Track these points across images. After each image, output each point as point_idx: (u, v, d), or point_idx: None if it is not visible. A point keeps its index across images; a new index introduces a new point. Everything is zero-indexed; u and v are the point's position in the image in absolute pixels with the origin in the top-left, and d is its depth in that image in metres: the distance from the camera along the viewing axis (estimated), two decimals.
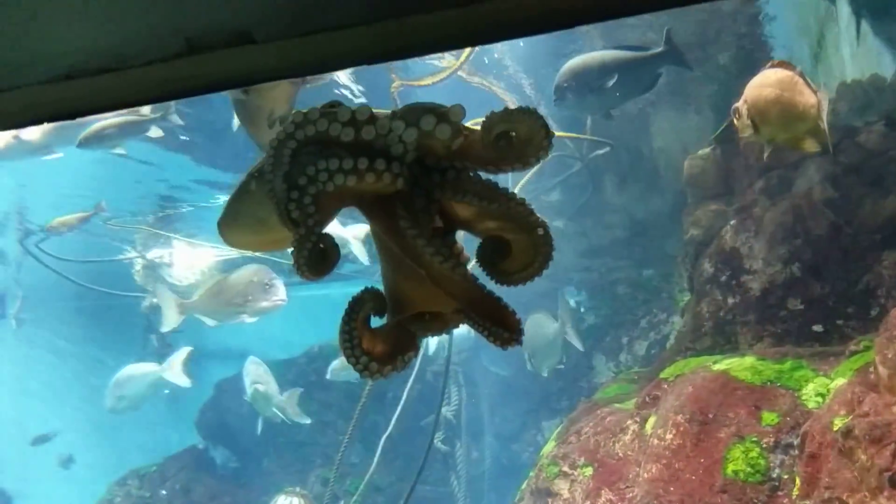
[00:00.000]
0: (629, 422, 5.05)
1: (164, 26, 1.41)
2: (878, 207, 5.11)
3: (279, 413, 9.55)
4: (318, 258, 1.45)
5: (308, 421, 10.14)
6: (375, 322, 1.54)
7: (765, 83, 4.09)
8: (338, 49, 1.52)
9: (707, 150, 6.24)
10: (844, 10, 6.68)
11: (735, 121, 4.29)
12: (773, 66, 4.25)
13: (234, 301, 7.74)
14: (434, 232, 1.55)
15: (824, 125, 3.96)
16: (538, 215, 1.53)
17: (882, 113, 5.52)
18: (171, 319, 8.35)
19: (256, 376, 9.30)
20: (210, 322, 8.29)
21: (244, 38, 1.43)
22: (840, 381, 4.19)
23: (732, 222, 5.74)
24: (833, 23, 7.03)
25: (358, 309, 1.49)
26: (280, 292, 7.63)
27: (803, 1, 7.80)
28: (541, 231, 1.51)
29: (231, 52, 1.45)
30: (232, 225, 1.65)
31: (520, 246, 1.53)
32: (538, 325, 9.34)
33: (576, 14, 1.48)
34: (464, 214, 1.61)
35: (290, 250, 1.49)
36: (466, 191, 1.51)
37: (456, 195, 1.50)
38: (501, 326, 1.55)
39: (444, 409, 10.61)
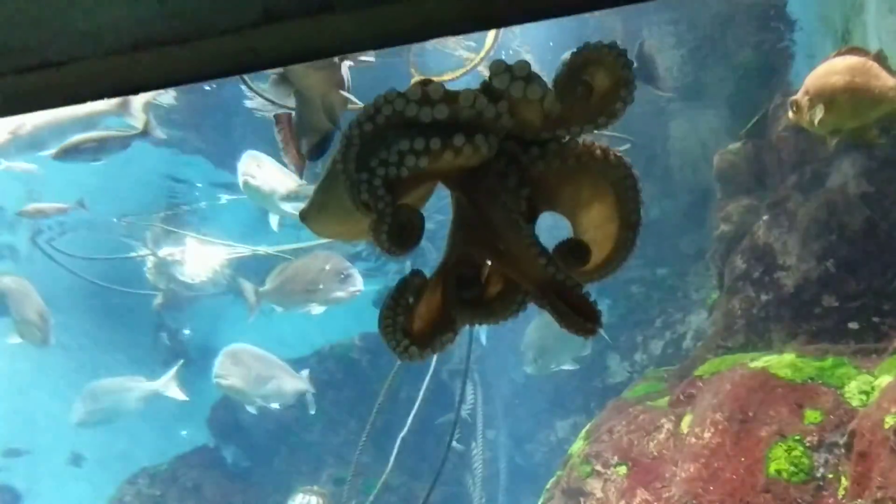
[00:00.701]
0: (663, 420, 4.96)
1: None
2: None
3: None
4: (399, 234, 1.38)
5: (312, 411, 9.96)
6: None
7: (832, 71, 4.00)
8: (419, 19, 1.43)
9: (738, 144, 6.14)
10: (871, 2, 6.59)
11: (791, 114, 4.19)
12: (841, 54, 4.15)
13: (306, 288, 7.61)
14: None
15: None
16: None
17: None
18: (251, 307, 8.45)
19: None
20: (279, 309, 8.24)
21: (323, 5, 1.34)
22: (886, 379, 4.10)
23: (765, 218, 5.64)
24: (859, 17, 6.93)
25: (405, 290, 1.43)
26: (357, 282, 7.45)
27: None
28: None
29: (309, 20, 1.36)
30: (318, 215, 1.59)
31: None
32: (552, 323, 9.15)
33: None
34: (560, 190, 1.56)
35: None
36: (569, 155, 1.48)
37: (559, 162, 1.48)
38: (580, 314, 1.49)
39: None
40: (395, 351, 1.41)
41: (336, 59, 2.81)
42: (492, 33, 5.04)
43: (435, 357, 9.90)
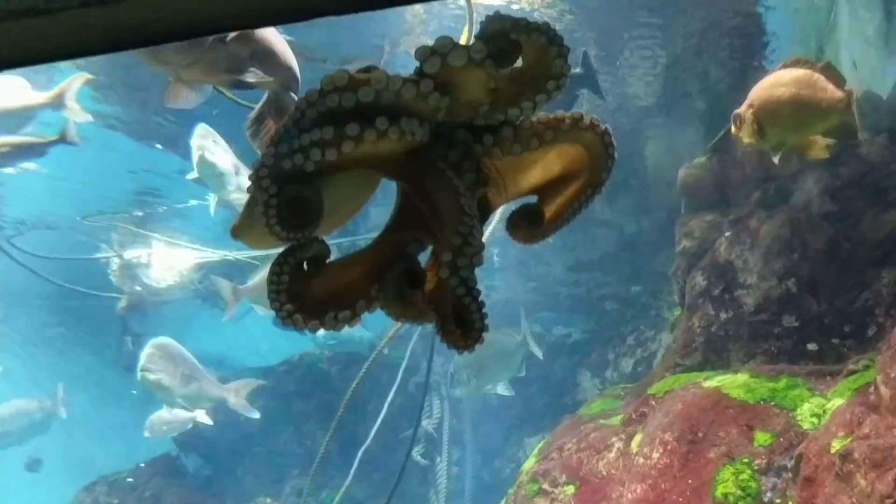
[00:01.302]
0: (614, 439, 4.83)
1: None
2: (879, 222, 4.94)
3: None
4: (288, 214, 1.31)
5: (257, 415, 9.43)
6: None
7: (778, 83, 3.94)
8: None
9: (703, 159, 6.07)
10: (844, 22, 6.56)
11: (734, 128, 4.12)
12: (787, 66, 4.09)
13: None
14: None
15: (856, 118, 3.79)
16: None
17: (880, 127, 5.37)
18: (229, 306, 8.13)
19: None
20: (261, 311, 7.97)
21: None
22: (838, 402, 4.00)
23: (727, 234, 5.55)
24: (833, 35, 6.90)
25: (301, 252, 1.35)
26: None
27: (803, 11, 7.68)
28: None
29: None
30: (250, 229, 1.50)
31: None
32: (491, 344, 8.81)
33: None
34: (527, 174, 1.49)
35: None
36: (529, 136, 1.39)
37: (519, 146, 1.39)
38: (462, 327, 1.37)
39: (424, 422, 10.39)
40: (277, 313, 1.34)
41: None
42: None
43: (402, 369, 9.78)
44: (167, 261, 10.55)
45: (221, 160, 5.65)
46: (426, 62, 1.28)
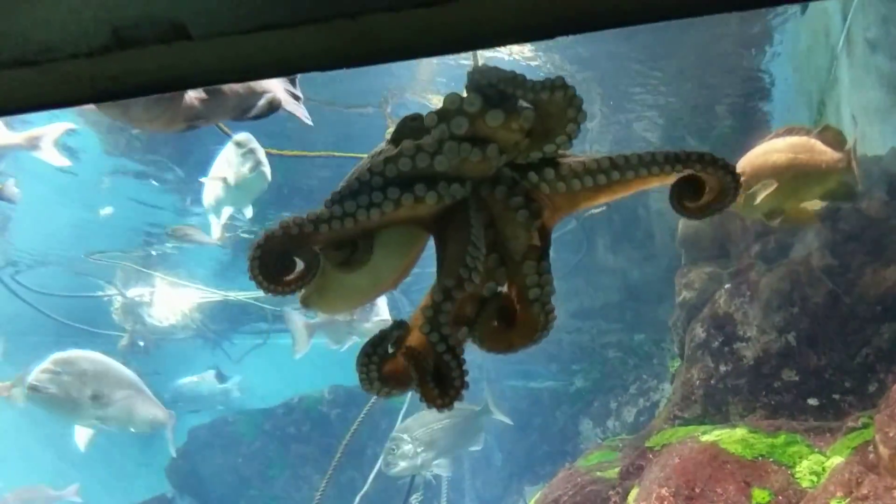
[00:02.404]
0: (610, 492, 4.76)
1: (88, 12, 1.22)
2: (879, 277, 4.91)
3: None
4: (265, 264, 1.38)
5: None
6: None
7: (772, 150, 3.94)
8: (285, 51, 1.33)
9: None
10: (845, 77, 6.61)
11: None
12: (778, 135, 4.10)
13: (348, 321, 7.37)
14: (530, 250, 1.42)
15: (856, 174, 3.79)
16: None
17: (880, 182, 5.38)
18: (301, 342, 7.97)
19: None
20: (332, 345, 7.86)
21: (179, 32, 1.23)
22: (837, 460, 3.93)
23: (727, 286, 5.53)
24: (834, 90, 6.96)
25: (383, 341, 1.40)
26: (383, 312, 7.20)
27: (804, 67, 7.76)
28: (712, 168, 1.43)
29: (164, 48, 1.26)
30: (319, 298, 1.55)
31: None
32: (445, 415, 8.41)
33: (569, 21, 1.30)
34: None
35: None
36: (575, 176, 1.40)
37: (568, 182, 1.39)
38: (440, 384, 1.36)
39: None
40: (373, 394, 1.43)
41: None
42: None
43: (401, 414, 9.69)
44: (169, 300, 10.56)
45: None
46: (452, 122, 1.31)
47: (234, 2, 1.19)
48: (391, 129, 1.46)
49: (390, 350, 1.39)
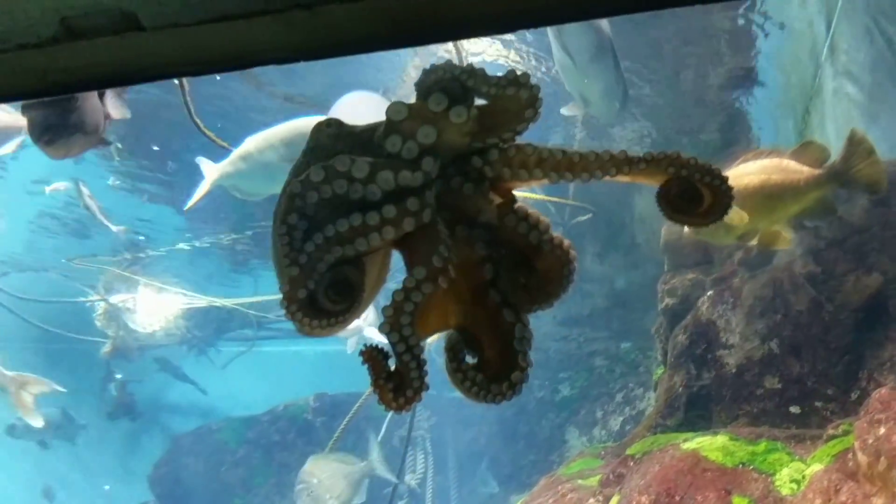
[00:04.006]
0: (591, 500, 4.71)
1: (36, 2, 1.18)
2: (861, 285, 4.91)
3: None
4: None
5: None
6: None
7: (744, 172, 3.92)
8: (240, 43, 1.29)
9: None
10: (829, 87, 6.63)
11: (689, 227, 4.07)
12: (747, 159, 4.08)
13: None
14: (500, 209, 1.34)
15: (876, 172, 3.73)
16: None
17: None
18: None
19: None
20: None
21: (131, 22, 1.19)
22: (817, 467, 3.91)
23: (710, 293, 5.52)
24: (819, 98, 6.98)
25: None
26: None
27: (789, 75, 7.78)
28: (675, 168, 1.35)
29: (116, 39, 1.22)
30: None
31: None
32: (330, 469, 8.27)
33: (534, 14, 1.27)
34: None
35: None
36: (521, 166, 1.32)
37: (512, 173, 1.31)
38: (397, 385, 1.31)
39: (408, 477, 10.22)
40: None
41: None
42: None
43: (385, 423, 9.64)
44: (153, 306, 10.47)
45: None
46: (420, 133, 1.27)
47: None
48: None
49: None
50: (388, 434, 9.86)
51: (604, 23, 5.33)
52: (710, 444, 4.40)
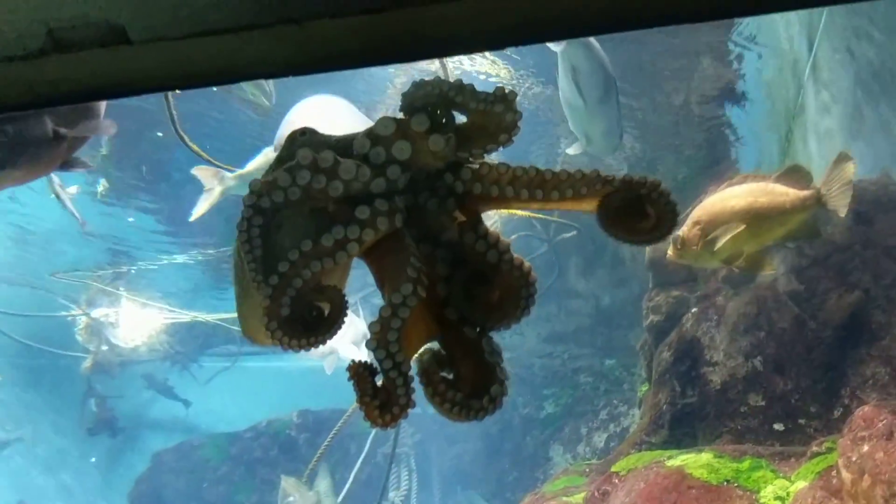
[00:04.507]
0: None
1: (22, 13, 1.17)
2: (843, 303, 4.95)
3: None
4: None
5: None
6: None
7: (730, 196, 3.94)
8: (228, 57, 1.29)
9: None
10: (812, 106, 6.71)
11: (672, 251, 4.09)
12: (732, 184, 4.11)
13: None
14: (461, 227, 1.34)
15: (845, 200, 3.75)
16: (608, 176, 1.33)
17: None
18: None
19: None
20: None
21: (118, 35, 1.19)
22: (801, 485, 3.92)
23: (694, 310, 5.55)
24: (801, 117, 7.06)
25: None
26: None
27: (774, 95, 7.86)
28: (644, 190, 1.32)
29: (103, 52, 1.21)
30: (259, 329, 1.47)
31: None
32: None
33: (518, 31, 1.28)
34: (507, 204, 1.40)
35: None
36: (493, 183, 1.31)
37: (483, 188, 1.31)
38: (383, 402, 1.30)
39: (392, 494, 10.15)
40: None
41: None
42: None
43: (369, 439, 9.59)
44: (135, 320, 10.38)
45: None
46: (395, 147, 1.27)
47: (174, 4, 1.15)
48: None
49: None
50: (372, 451, 9.80)
51: (607, 60, 5.45)
52: (695, 462, 4.40)
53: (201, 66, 1.34)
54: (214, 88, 6.41)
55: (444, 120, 1.31)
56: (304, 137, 1.33)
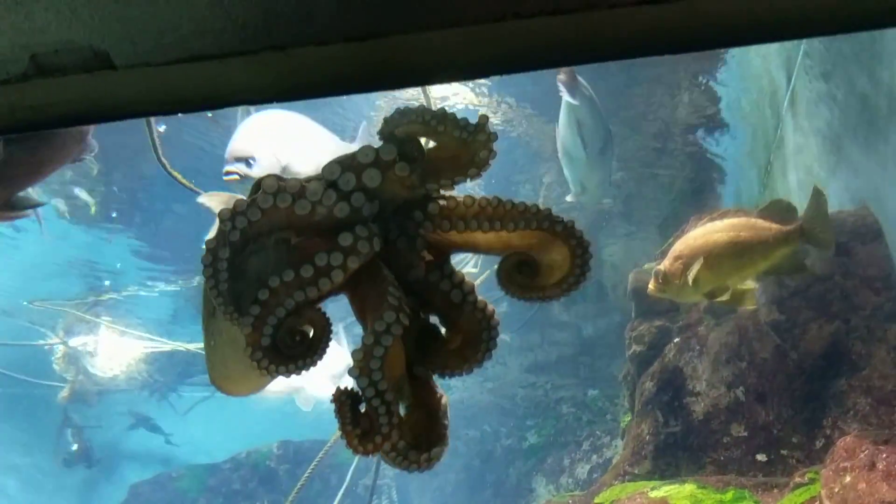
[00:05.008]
0: None
1: (5, 38, 1.16)
2: (823, 333, 4.97)
3: None
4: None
5: None
6: None
7: (712, 230, 3.96)
8: (213, 83, 1.28)
9: (653, 263, 6.12)
10: (790, 138, 6.80)
11: (653, 286, 4.10)
12: (713, 219, 4.14)
13: None
14: (428, 266, 1.36)
15: (826, 233, 3.78)
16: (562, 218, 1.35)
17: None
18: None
19: None
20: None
21: (102, 60, 1.18)
22: None
23: (676, 340, 5.55)
24: (780, 150, 7.15)
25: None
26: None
27: (755, 125, 7.97)
28: (573, 239, 1.35)
29: (87, 77, 1.20)
30: (227, 378, 1.46)
31: (541, 256, 1.38)
32: None
33: (506, 60, 1.29)
34: (473, 240, 1.40)
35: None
36: (460, 218, 1.33)
37: (451, 224, 1.32)
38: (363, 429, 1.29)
39: None
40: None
41: None
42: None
43: (351, 470, 9.47)
44: (114, 349, 10.25)
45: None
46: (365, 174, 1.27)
47: (159, 30, 1.15)
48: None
49: None
50: (353, 482, 9.68)
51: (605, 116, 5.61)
52: (678, 493, 4.38)
53: (186, 92, 1.33)
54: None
55: (414, 151, 1.32)
56: (269, 180, 1.31)
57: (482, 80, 6.59)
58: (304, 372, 1.31)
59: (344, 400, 1.34)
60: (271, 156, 3.53)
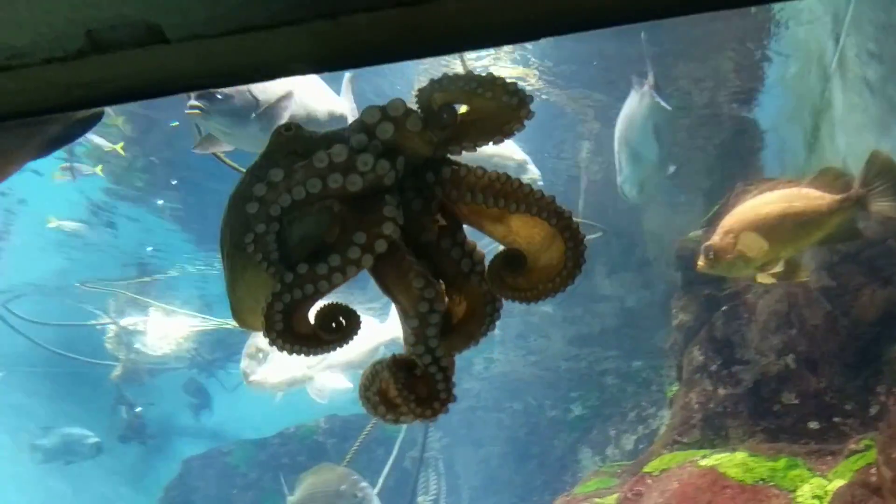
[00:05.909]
0: None
1: (61, 15, 1.17)
2: (876, 298, 4.86)
3: None
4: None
5: None
6: None
7: (763, 202, 3.86)
8: (264, 54, 1.28)
9: (699, 231, 6.03)
10: (839, 99, 6.62)
11: (703, 261, 4.02)
12: (762, 192, 4.02)
13: None
14: (440, 231, 1.33)
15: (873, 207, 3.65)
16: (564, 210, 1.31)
17: None
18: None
19: None
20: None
21: (155, 35, 1.19)
22: (839, 483, 3.86)
23: (724, 308, 5.48)
24: (828, 112, 6.97)
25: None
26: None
27: (799, 89, 7.78)
28: (568, 233, 1.30)
29: (140, 52, 1.21)
30: (253, 311, 1.47)
31: (540, 252, 1.34)
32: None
33: (555, 21, 1.27)
34: (480, 217, 1.37)
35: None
36: (468, 188, 1.29)
37: (458, 194, 1.29)
38: (426, 396, 1.29)
39: (420, 499, 10.14)
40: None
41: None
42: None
43: (397, 443, 9.58)
44: (163, 328, 10.47)
45: None
46: (378, 127, 1.25)
47: (210, 2, 1.15)
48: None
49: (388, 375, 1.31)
50: (401, 455, 9.78)
51: None
52: (729, 461, 4.35)
53: (237, 63, 1.33)
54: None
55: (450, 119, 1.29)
56: (289, 133, 1.31)
57: (523, 49, 6.50)
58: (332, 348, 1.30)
59: (399, 367, 1.35)
60: (245, 91, 3.44)
